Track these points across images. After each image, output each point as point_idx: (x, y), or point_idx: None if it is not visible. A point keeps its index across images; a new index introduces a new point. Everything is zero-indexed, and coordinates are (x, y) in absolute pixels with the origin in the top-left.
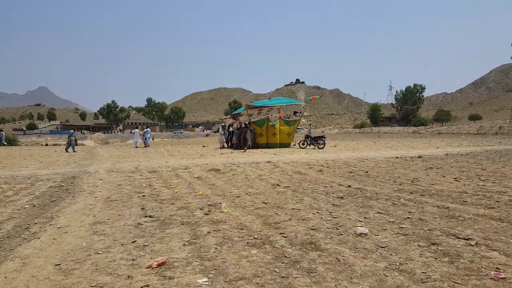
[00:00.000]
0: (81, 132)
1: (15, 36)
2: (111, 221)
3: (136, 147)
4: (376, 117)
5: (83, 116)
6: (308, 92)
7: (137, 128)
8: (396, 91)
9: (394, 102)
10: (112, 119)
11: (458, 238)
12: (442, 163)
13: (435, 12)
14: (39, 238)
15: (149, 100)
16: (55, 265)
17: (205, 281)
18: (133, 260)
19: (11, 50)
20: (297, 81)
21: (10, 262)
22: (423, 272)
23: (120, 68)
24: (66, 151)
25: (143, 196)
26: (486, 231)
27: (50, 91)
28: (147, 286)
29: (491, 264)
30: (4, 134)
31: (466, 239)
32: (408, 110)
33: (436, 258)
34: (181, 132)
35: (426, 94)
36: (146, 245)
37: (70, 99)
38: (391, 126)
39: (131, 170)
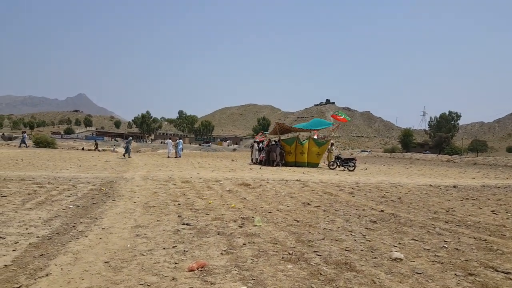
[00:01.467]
0: (115, 139)
1: (60, 43)
2: (151, 226)
3: (169, 157)
4: (408, 142)
5: (117, 124)
6: (338, 113)
7: (170, 139)
8: (430, 118)
9: (427, 129)
10: (145, 128)
11: (496, 271)
12: (478, 195)
13: (473, 37)
14: (87, 237)
15: (180, 113)
16: (105, 262)
17: None
18: (176, 263)
19: (55, 57)
20: (327, 101)
21: (64, 256)
22: None
23: (155, 80)
24: (124, 156)
25: (179, 204)
26: None
27: (88, 99)
28: None
29: None
30: (26, 136)
31: (505, 273)
32: (442, 137)
33: None
34: (209, 145)
35: (461, 122)
36: (186, 251)
37: (106, 107)
38: (424, 153)
39: (165, 179)
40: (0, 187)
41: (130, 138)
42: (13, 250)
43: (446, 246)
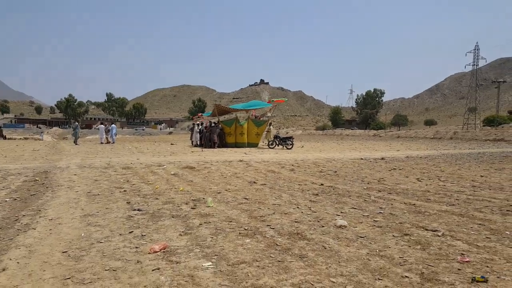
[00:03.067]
0: (37, 127)
1: None
2: (101, 214)
3: (102, 143)
4: (337, 119)
5: (39, 109)
6: (272, 93)
7: (102, 124)
8: (357, 95)
9: (354, 106)
10: (70, 113)
11: (426, 230)
12: (404, 165)
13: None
14: (35, 229)
15: (109, 95)
16: (62, 252)
17: (210, 265)
18: (137, 247)
19: None
20: (262, 81)
21: (16, 249)
22: (400, 257)
23: (78, 62)
24: (75, 143)
25: (124, 191)
26: (450, 224)
27: (3, 83)
28: (158, 269)
29: (457, 251)
30: None
31: (434, 231)
32: (368, 113)
33: (409, 246)
34: (143, 129)
35: (385, 98)
36: (144, 235)
37: (24, 91)
38: (352, 129)
39: (104, 166)
40: None
41: (77, 123)
42: None
43: (382, 212)
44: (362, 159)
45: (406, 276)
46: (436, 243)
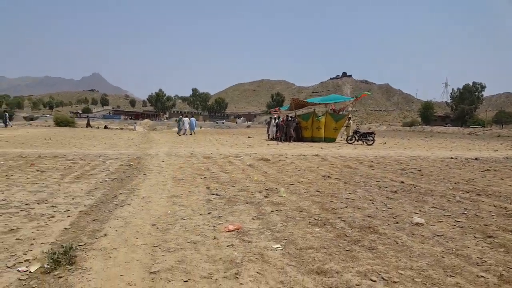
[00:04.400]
0: (130, 118)
1: (74, 23)
2: (184, 196)
3: (180, 135)
4: (428, 115)
5: (132, 103)
6: (355, 86)
7: (187, 116)
8: (453, 89)
9: (449, 101)
10: (159, 107)
11: None
12: (500, 166)
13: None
14: (129, 205)
15: (194, 90)
16: (152, 225)
17: (279, 247)
18: (214, 226)
19: (69, 37)
20: (344, 74)
21: (115, 220)
22: (478, 257)
23: (168, 58)
24: (179, 134)
25: (205, 177)
26: None
27: (103, 78)
28: (232, 246)
29: None
30: (8, 115)
31: None
32: (465, 109)
33: (491, 248)
34: (223, 123)
35: (486, 93)
36: (221, 216)
37: (120, 86)
38: (445, 126)
39: (187, 155)
40: (37, 163)
41: (181, 116)
42: (68, 217)
43: (466, 213)
44: (452, 158)
45: (482, 276)
46: None
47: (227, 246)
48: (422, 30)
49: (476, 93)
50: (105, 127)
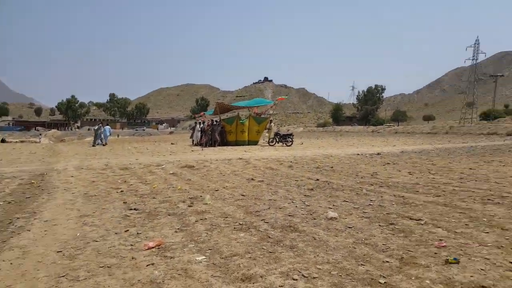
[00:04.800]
0: (35, 129)
1: None
2: (97, 214)
3: (102, 144)
4: (338, 116)
5: (38, 111)
6: (275, 90)
7: (107, 124)
8: (358, 92)
9: (355, 102)
10: (70, 115)
11: (411, 219)
12: (397, 159)
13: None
14: (29, 231)
15: (111, 96)
16: (57, 251)
17: (204, 258)
18: (132, 245)
19: None
20: (265, 79)
21: (9, 251)
22: (383, 244)
23: (82, 63)
24: (95, 145)
25: (121, 191)
26: (433, 214)
27: (4, 84)
28: (152, 264)
29: (436, 237)
30: None
31: (417, 220)
32: (368, 110)
33: (393, 234)
34: (143, 130)
35: (385, 95)
36: (140, 233)
37: (25, 93)
38: (352, 126)
39: (102, 167)
40: None
41: (100, 124)
42: None
43: (371, 204)
44: (358, 154)
45: (387, 261)
46: (418, 231)
47: (147, 265)
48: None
49: (378, 95)
50: (2, 141)
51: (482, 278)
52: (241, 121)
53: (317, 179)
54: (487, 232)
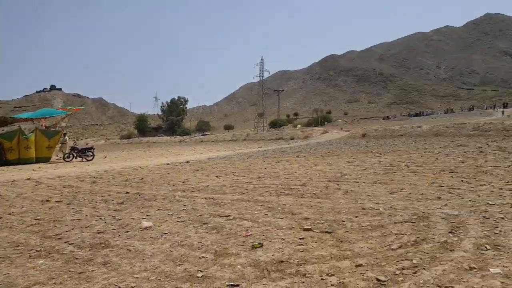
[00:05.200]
0: None
1: None
2: None
3: None
4: (143, 127)
5: None
6: (66, 100)
7: None
8: (162, 103)
9: (160, 113)
10: None
11: (221, 216)
12: (205, 166)
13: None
14: None
15: None
16: None
17: None
18: None
19: None
20: (53, 87)
21: None
22: (199, 243)
23: None
24: None
25: None
26: (240, 209)
27: None
28: None
29: (243, 228)
30: None
31: (227, 216)
32: (174, 120)
33: (207, 232)
34: None
35: (189, 106)
36: None
37: None
38: (159, 136)
39: None
40: None
41: None
42: None
43: (185, 208)
44: (168, 164)
45: (203, 257)
46: (228, 226)
47: None
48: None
49: (181, 106)
50: None
51: (281, 255)
52: (24, 136)
53: (127, 192)
54: (282, 218)
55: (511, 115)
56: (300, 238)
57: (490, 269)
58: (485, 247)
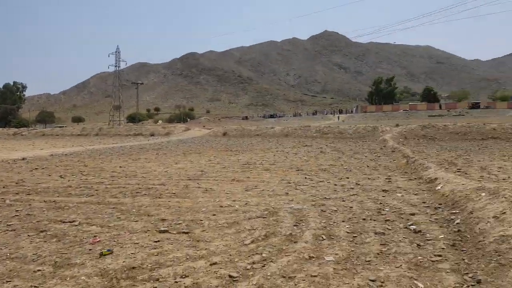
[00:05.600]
0: None
1: None
2: None
3: None
4: None
5: None
6: None
7: None
8: None
9: None
10: None
11: (64, 222)
12: (47, 163)
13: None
14: None
15: None
16: None
17: None
18: None
19: None
20: None
21: None
22: (34, 254)
23: None
24: None
25: None
26: (88, 213)
27: None
28: None
29: (91, 235)
30: None
31: (71, 222)
32: (7, 109)
33: (45, 241)
34: None
35: (28, 93)
36: None
37: None
38: None
39: None
40: None
41: None
42: None
43: (18, 214)
44: None
45: (39, 270)
46: (72, 233)
47: None
48: None
49: (18, 93)
50: None
51: (132, 261)
52: None
53: None
54: (137, 221)
55: (346, 120)
56: (156, 241)
57: (325, 257)
58: (322, 237)
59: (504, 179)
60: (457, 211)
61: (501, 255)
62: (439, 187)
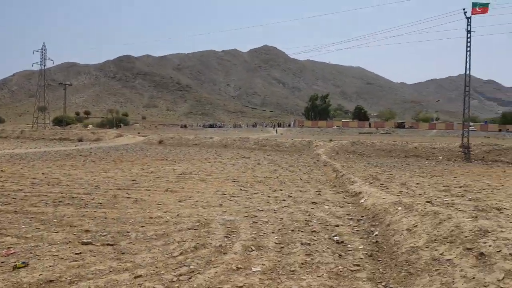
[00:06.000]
0: None
1: None
2: None
3: None
4: None
5: None
6: None
7: None
8: None
9: None
10: None
11: None
12: None
13: None
14: None
15: None
16: None
17: None
18: None
19: None
20: None
21: None
22: None
23: None
24: None
25: None
26: (2, 223)
27: None
28: None
29: (4, 246)
30: None
31: None
32: None
33: None
34: None
35: None
36: None
37: None
38: None
39: None
40: None
41: None
42: None
43: None
44: None
45: None
46: None
47: None
48: None
49: None
50: None
51: (50, 274)
52: None
53: None
54: (57, 232)
55: (283, 133)
56: (77, 253)
57: (253, 268)
58: (251, 248)
59: (420, 194)
60: (377, 224)
61: (410, 265)
62: (363, 201)
